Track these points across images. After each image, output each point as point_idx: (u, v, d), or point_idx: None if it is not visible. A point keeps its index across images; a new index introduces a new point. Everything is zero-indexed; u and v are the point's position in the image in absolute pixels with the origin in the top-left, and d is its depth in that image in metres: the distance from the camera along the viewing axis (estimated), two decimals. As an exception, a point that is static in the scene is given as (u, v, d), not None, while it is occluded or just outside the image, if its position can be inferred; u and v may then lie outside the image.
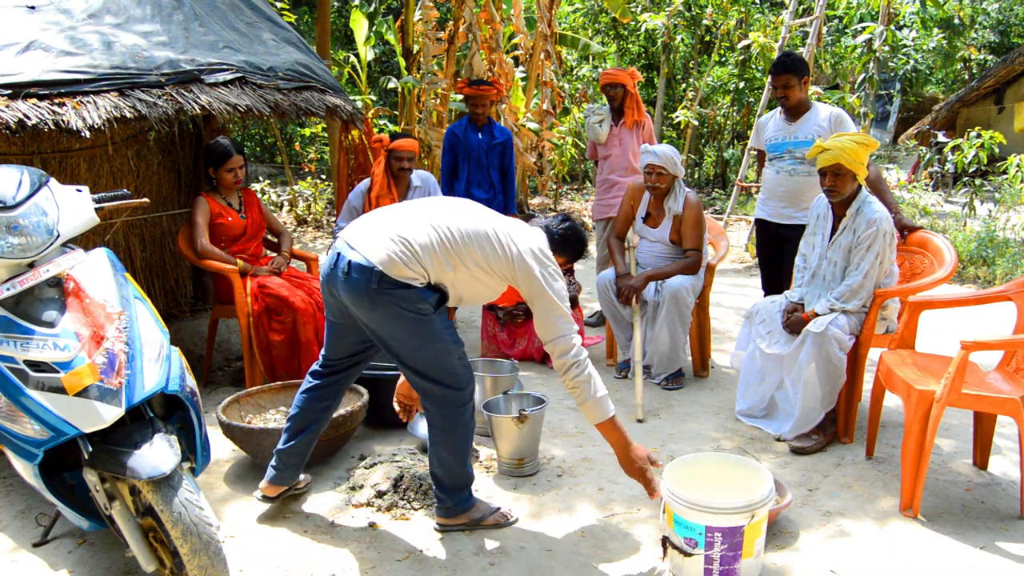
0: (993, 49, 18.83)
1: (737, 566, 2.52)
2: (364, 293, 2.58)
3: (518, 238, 2.72)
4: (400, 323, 2.63)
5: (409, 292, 2.58)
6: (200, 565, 2.28)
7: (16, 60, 3.54)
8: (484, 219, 2.74)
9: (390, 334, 2.67)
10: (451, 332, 2.73)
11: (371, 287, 2.56)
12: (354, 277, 2.58)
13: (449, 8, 9.57)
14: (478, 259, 2.67)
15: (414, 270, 2.59)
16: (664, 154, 4.44)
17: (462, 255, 2.65)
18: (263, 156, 16.74)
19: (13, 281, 2.38)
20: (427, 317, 2.63)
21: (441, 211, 2.74)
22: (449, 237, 2.64)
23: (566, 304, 2.72)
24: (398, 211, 2.77)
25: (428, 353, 2.68)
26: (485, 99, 5.42)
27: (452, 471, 2.87)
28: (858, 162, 3.54)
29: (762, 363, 3.88)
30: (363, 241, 2.63)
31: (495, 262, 2.69)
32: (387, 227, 2.65)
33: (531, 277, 2.68)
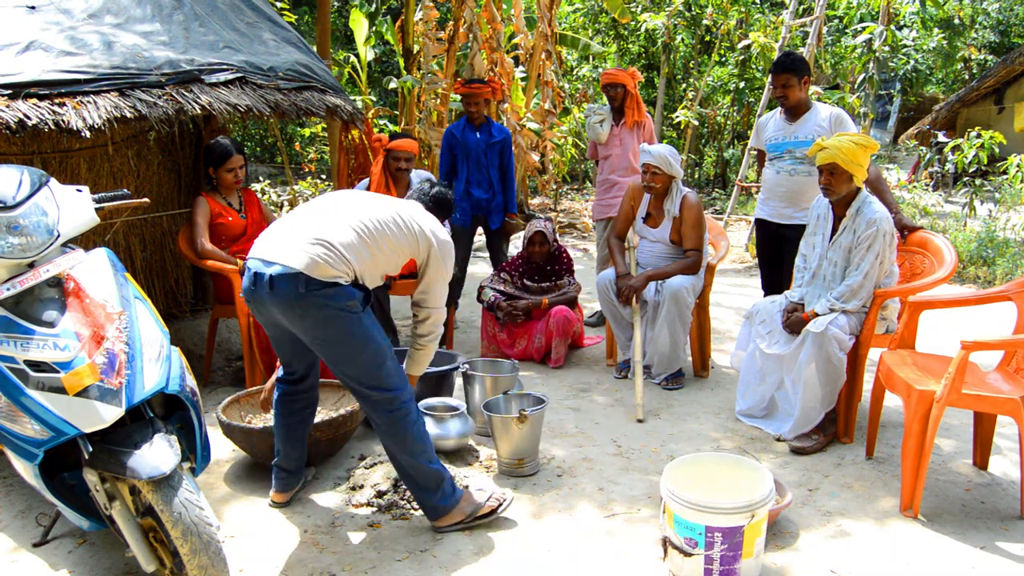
0: (993, 49, 18.83)
1: (737, 566, 2.52)
2: (293, 300, 2.63)
3: (419, 218, 2.95)
4: (332, 325, 2.69)
5: (337, 290, 2.65)
6: (200, 565, 2.28)
7: (16, 60, 3.54)
8: (387, 206, 2.92)
9: (324, 338, 2.73)
10: (380, 333, 2.79)
11: (299, 292, 2.61)
12: (279, 288, 2.63)
13: (449, 8, 9.57)
14: (391, 244, 2.83)
15: (339, 269, 2.66)
16: (659, 154, 4.44)
17: (378, 242, 2.79)
18: (263, 156, 16.75)
19: (13, 281, 2.38)
20: (357, 316, 2.70)
21: (348, 207, 2.85)
22: (365, 229, 2.77)
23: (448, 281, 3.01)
24: (307, 216, 2.84)
25: (363, 355, 2.73)
26: (479, 98, 5.42)
27: (420, 473, 2.87)
28: (855, 163, 3.54)
29: (762, 363, 3.88)
30: (279, 252, 2.68)
31: (405, 241, 2.87)
32: (303, 233, 2.72)
33: (431, 248, 2.92)
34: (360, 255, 2.73)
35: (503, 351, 5.00)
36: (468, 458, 3.57)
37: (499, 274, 5.17)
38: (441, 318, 3.02)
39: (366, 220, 2.79)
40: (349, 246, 2.70)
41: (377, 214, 2.83)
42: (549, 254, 5.08)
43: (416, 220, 2.93)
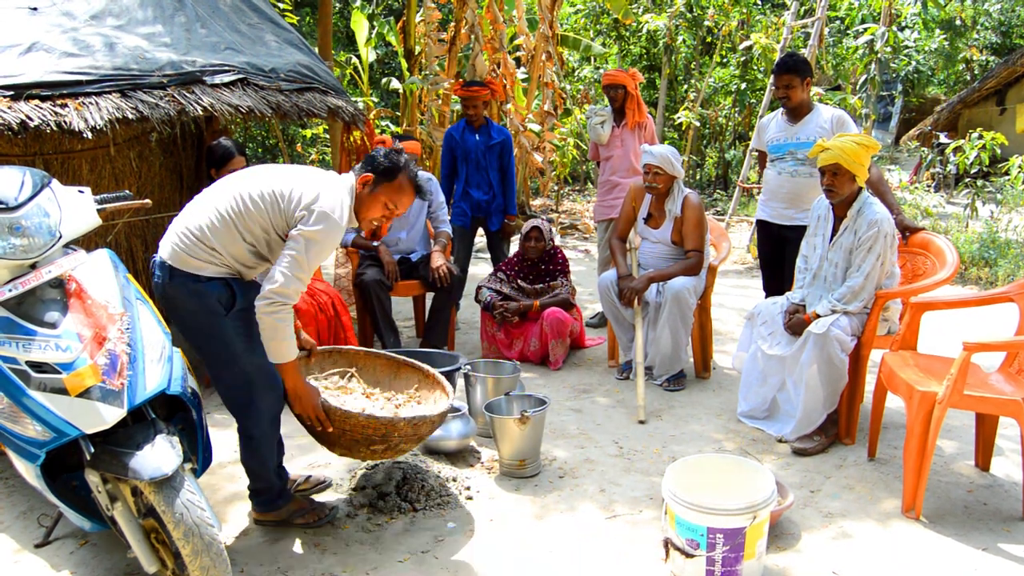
0: (995, 50, 18.81)
1: (739, 567, 2.51)
2: (161, 291, 2.63)
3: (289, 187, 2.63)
4: (192, 320, 2.65)
5: (198, 286, 2.59)
6: (202, 566, 2.28)
7: (18, 61, 3.54)
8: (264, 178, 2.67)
9: (186, 331, 2.70)
10: (244, 339, 2.66)
11: (164, 280, 2.61)
12: (155, 276, 2.64)
13: (451, 9, 9.58)
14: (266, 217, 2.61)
15: (200, 257, 2.58)
16: (660, 154, 4.44)
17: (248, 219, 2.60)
18: (265, 157, 16.75)
19: (15, 282, 2.39)
20: (217, 316, 2.62)
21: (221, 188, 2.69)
22: (228, 210, 2.59)
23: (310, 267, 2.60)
24: (190, 204, 2.73)
25: (214, 354, 2.68)
26: (477, 100, 5.43)
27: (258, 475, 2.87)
28: (857, 163, 3.54)
29: (764, 364, 3.88)
30: (162, 241, 2.67)
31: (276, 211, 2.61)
32: (175, 224, 2.67)
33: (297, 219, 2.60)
34: (223, 239, 2.59)
35: (502, 352, 4.99)
36: (470, 459, 3.57)
37: (495, 274, 5.17)
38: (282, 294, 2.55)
39: (232, 199, 2.61)
40: (210, 230, 2.58)
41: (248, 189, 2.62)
42: (545, 252, 5.08)
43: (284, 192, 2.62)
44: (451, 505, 3.12)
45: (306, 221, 2.58)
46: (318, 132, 13.54)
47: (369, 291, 4.67)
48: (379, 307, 4.68)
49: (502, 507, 3.13)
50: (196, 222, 2.61)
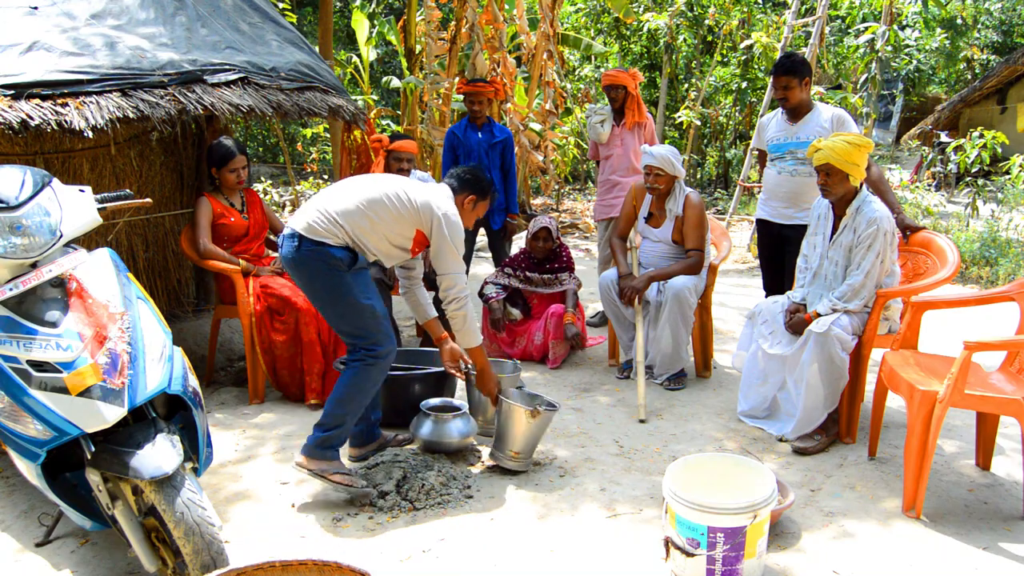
0: (996, 49, 18.80)
1: (739, 566, 2.51)
2: (291, 257, 3.09)
3: (419, 194, 3.22)
4: (319, 279, 3.10)
5: (324, 249, 3.05)
6: (203, 565, 2.28)
7: (19, 60, 3.54)
8: (390, 183, 3.24)
9: (315, 293, 3.16)
10: (366, 293, 3.15)
11: (296, 249, 3.07)
12: (285, 247, 3.11)
13: (451, 8, 9.57)
14: (391, 214, 3.15)
15: (328, 230, 3.06)
16: (661, 155, 4.44)
17: (378, 211, 3.13)
18: (265, 156, 16.76)
19: (16, 281, 2.39)
20: (340, 273, 3.08)
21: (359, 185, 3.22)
22: (363, 200, 3.13)
23: (460, 250, 3.25)
24: (325, 192, 3.23)
25: (343, 309, 3.13)
26: (483, 96, 5.43)
27: (337, 420, 3.15)
28: (850, 162, 3.54)
29: (764, 363, 3.88)
30: (293, 218, 3.15)
31: (404, 211, 3.17)
32: (313, 203, 3.16)
33: (433, 220, 3.20)
34: (355, 222, 3.09)
35: (503, 350, 5.00)
36: (470, 458, 3.57)
37: (502, 270, 5.18)
38: (457, 283, 3.24)
39: (368, 194, 3.14)
40: (344, 213, 3.09)
41: (383, 189, 3.17)
42: (551, 251, 5.10)
43: (419, 197, 3.20)
44: (451, 504, 3.12)
45: (444, 228, 3.18)
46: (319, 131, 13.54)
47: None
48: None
49: (502, 506, 3.14)
50: (334, 207, 3.10)
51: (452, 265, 3.24)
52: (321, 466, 3.11)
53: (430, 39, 8.90)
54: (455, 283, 3.25)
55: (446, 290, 3.25)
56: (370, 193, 3.14)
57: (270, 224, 4.70)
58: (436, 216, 3.19)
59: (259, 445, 3.72)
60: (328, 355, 4.23)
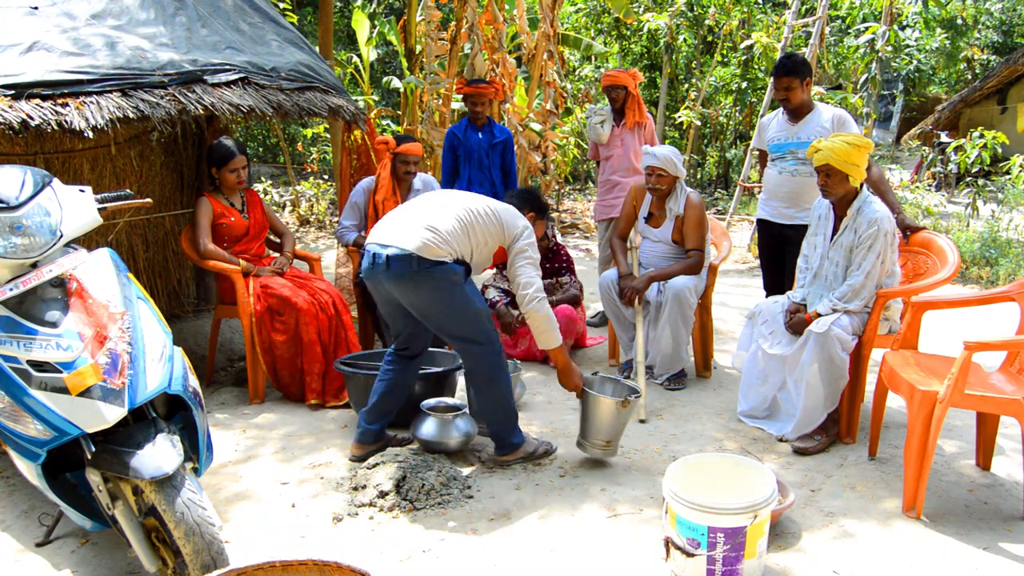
0: (996, 49, 18.79)
1: (740, 567, 2.51)
2: (407, 276, 3.17)
3: (499, 208, 3.41)
4: (439, 294, 3.22)
5: (443, 267, 3.18)
6: (203, 565, 2.28)
7: (19, 60, 3.54)
8: (474, 199, 3.42)
9: (433, 306, 3.27)
10: (478, 298, 3.34)
11: (412, 269, 3.14)
12: (395, 265, 3.15)
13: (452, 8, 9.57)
14: (485, 230, 3.33)
15: (444, 249, 3.17)
16: (663, 156, 4.44)
17: (475, 228, 3.30)
18: (266, 156, 16.76)
19: (16, 281, 2.39)
20: (459, 286, 3.23)
21: (450, 201, 3.37)
22: (462, 218, 3.28)
23: (535, 255, 3.39)
24: (415, 209, 3.36)
25: (464, 317, 3.27)
26: (484, 97, 5.42)
27: (504, 412, 3.41)
28: (850, 163, 3.53)
29: (764, 364, 3.88)
30: (394, 236, 3.21)
31: (493, 228, 3.35)
32: (414, 221, 3.25)
33: (514, 234, 3.39)
34: (460, 239, 3.25)
35: (506, 351, 4.99)
36: (471, 458, 3.57)
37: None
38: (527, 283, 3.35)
39: (464, 211, 3.30)
40: (452, 232, 3.22)
41: (469, 206, 3.34)
42: (547, 249, 5.09)
43: (500, 214, 3.39)
44: (451, 504, 3.12)
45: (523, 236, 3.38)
46: (319, 131, 13.54)
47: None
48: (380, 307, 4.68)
49: (503, 506, 3.14)
50: (442, 225, 3.22)
51: (530, 272, 3.37)
52: (519, 455, 3.47)
53: (430, 39, 8.89)
54: (532, 285, 3.35)
55: (524, 290, 3.34)
56: (467, 210, 3.31)
57: (270, 224, 4.70)
58: (517, 232, 3.38)
59: (259, 445, 3.72)
60: (328, 355, 4.24)
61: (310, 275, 4.61)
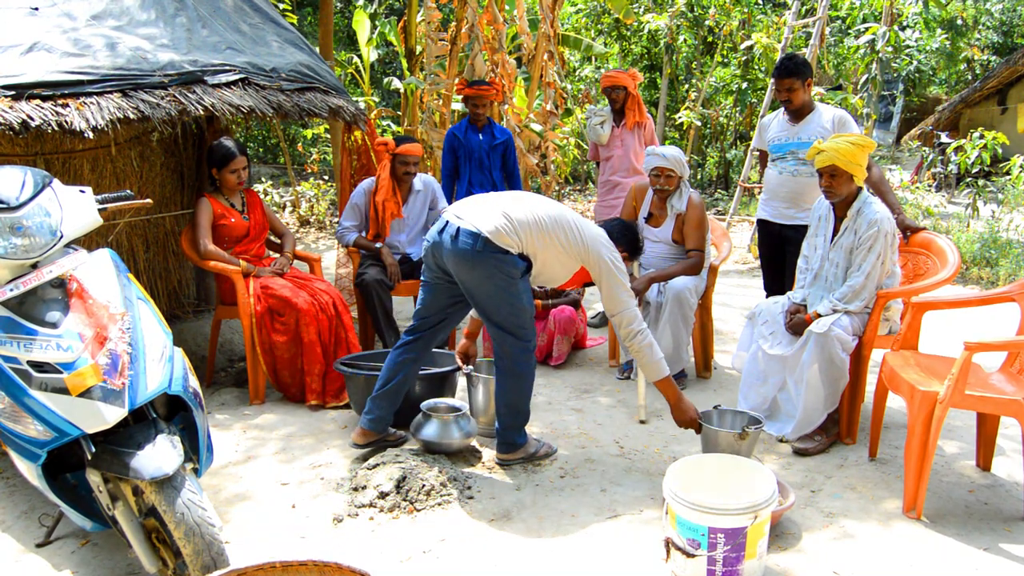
0: (996, 50, 18.80)
1: (740, 567, 2.51)
2: (470, 254, 3.15)
3: (587, 229, 3.35)
4: (493, 281, 3.22)
5: (506, 257, 3.18)
6: (203, 566, 2.28)
7: (20, 61, 3.54)
8: (564, 211, 3.37)
9: (483, 290, 3.26)
10: (528, 296, 3.33)
11: (476, 249, 3.14)
12: (462, 240, 3.16)
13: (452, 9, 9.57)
14: (562, 240, 3.28)
15: (512, 240, 3.17)
16: (673, 156, 4.45)
17: (552, 234, 3.26)
18: (266, 157, 16.77)
19: (16, 282, 2.39)
20: (514, 280, 3.23)
21: (534, 200, 3.37)
22: (542, 219, 3.26)
23: (627, 283, 3.35)
24: (500, 198, 3.38)
25: (509, 309, 3.27)
26: (484, 99, 5.43)
27: (518, 410, 3.42)
28: (854, 163, 3.54)
29: (764, 364, 3.88)
30: (473, 214, 3.21)
31: (574, 243, 3.29)
32: (495, 206, 3.25)
33: (600, 259, 3.31)
34: (532, 238, 3.22)
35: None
36: (471, 459, 3.57)
37: None
38: (635, 318, 3.32)
39: (545, 214, 3.27)
40: (525, 225, 3.21)
41: (555, 213, 3.31)
42: None
43: (585, 233, 3.32)
44: (452, 505, 3.12)
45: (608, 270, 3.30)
46: (319, 132, 13.55)
47: (370, 291, 4.67)
48: (380, 307, 4.68)
49: (503, 507, 3.14)
50: (517, 216, 3.21)
51: (623, 300, 3.33)
52: (520, 455, 3.48)
53: (430, 40, 8.89)
54: (633, 318, 3.31)
55: (627, 327, 3.31)
56: (548, 214, 3.27)
57: (270, 225, 4.70)
58: (603, 254, 3.31)
59: (260, 446, 3.72)
60: (328, 355, 4.23)
61: (310, 276, 4.61)
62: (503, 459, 3.48)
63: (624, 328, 3.31)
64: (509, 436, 3.46)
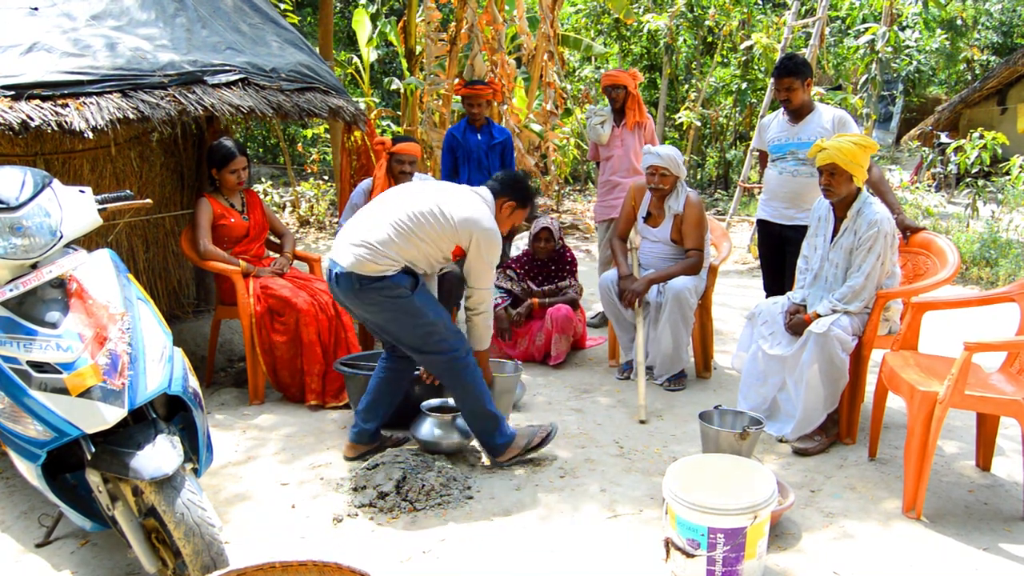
0: (996, 50, 18.80)
1: (740, 567, 2.51)
2: (352, 294, 3.15)
3: (458, 209, 3.21)
4: (387, 311, 3.17)
5: (385, 282, 3.10)
6: (203, 566, 2.28)
7: (19, 61, 3.54)
8: (429, 199, 3.23)
9: (383, 321, 3.22)
10: (433, 307, 3.25)
11: (355, 288, 3.12)
12: (342, 284, 3.16)
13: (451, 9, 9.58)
14: (430, 233, 3.18)
15: (381, 264, 3.10)
16: (668, 155, 4.44)
17: (418, 233, 3.15)
18: (266, 157, 16.77)
19: (16, 282, 2.39)
20: (407, 299, 3.15)
21: (392, 205, 3.25)
22: (403, 225, 3.15)
23: (494, 264, 3.29)
24: (360, 218, 3.28)
25: (417, 331, 3.21)
26: (481, 99, 5.43)
27: (481, 418, 3.35)
28: (855, 163, 3.54)
29: (764, 364, 3.88)
30: (339, 253, 3.17)
31: (444, 230, 3.19)
32: (352, 236, 3.18)
33: (471, 240, 3.21)
34: (400, 248, 3.13)
35: (504, 351, 4.99)
36: (470, 459, 3.57)
37: (504, 271, 5.18)
38: (486, 299, 3.35)
39: (406, 216, 3.16)
40: (387, 242, 3.11)
41: (417, 209, 3.18)
42: (554, 251, 5.10)
43: (457, 213, 3.20)
44: (451, 505, 3.12)
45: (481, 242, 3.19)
46: (319, 132, 13.54)
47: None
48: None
49: (503, 507, 3.13)
50: (375, 236, 3.13)
51: (484, 281, 3.32)
52: (513, 452, 3.41)
53: (430, 40, 8.90)
54: (484, 299, 3.36)
55: (476, 304, 3.35)
56: (402, 215, 3.16)
57: (270, 225, 4.70)
58: (475, 235, 3.21)
59: (259, 446, 3.72)
60: (328, 356, 4.23)
61: (310, 276, 4.61)
62: (500, 462, 3.45)
63: (474, 301, 3.33)
64: (489, 440, 3.42)
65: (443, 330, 3.24)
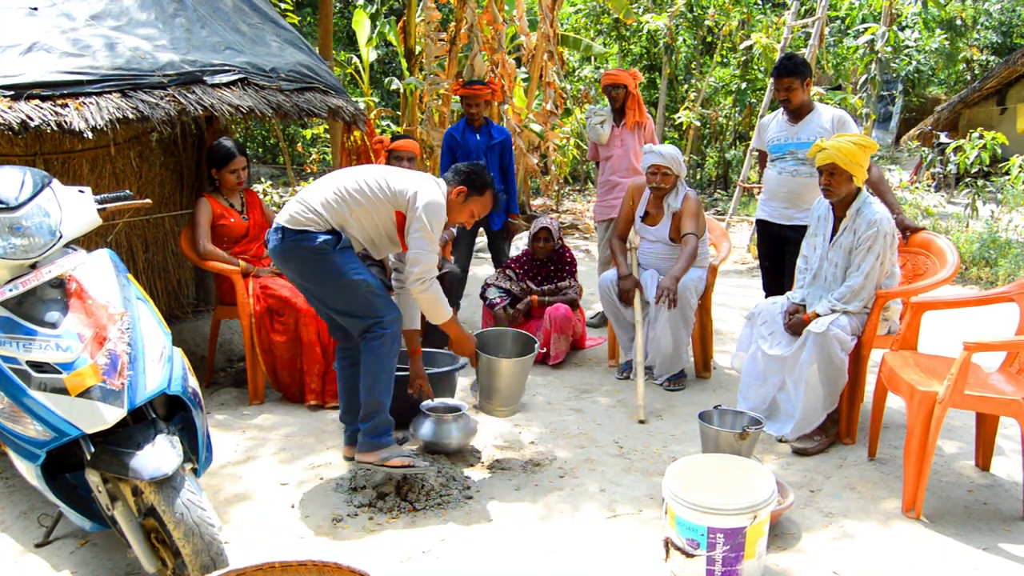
0: (995, 50, 18.81)
1: (739, 567, 2.51)
2: (279, 250, 3.16)
3: (399, 181, 3.23)
4: (308, 265, 3.16)
5: (306, 235, 3.11)
6: (203, 566, 2.28)
7: (19, 61, 3.54)
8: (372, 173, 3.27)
9: (305, 278, 3.22)
10: (356, 269, 3.16)
11: (282, 242, 3.14)
12: (272, 241, 3.18)
13: (451, 9, 9.58)
14: (367, 197, 3.18)
15: (307, 218, 3.12)
16: (669, 154, 4.45)
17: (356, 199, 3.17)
18: (265, 157, 16.76)
19: (15, 282, 2.39)
20: (327, 255, 3.11)
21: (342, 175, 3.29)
22: (343, 190, 3.18)
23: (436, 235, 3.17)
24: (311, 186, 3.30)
25: (340, 290, 3.16)
26: (479, 99, 5.43)
27: (371, 404, 3.18)
28: (855, 163, 3.54)
29: (764, 364, 3.88)
30: (279, 215, 3.21)
31: (381, 195, 3.19)
32: (295, 197, 3.24)
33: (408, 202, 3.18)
34: (332, 210, 3.14)
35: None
36: (470, 459, 3.57)
37: (504, 271, 5.18)
38: (422, 262, 3.15)
39: (346, 183, 3.20)
40: (323, 203, 3.14)
41: (364, 178, 3.22)
42: (554, 251, 5.10)
43: (398, 183, 3.21)
44: (451, 505, 3.12)
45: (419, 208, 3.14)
46: (319, 132, 13.54)
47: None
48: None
49: (502, 507, 3.14)
50: (312, 197, 3.17)
51: (423, 245, 3.14)
52: (380, 455, 3.18)
53: (430, 40, 8.89)
54: (420, 261, 3.13)
55: (410, 267, 3.15)
56: (347, 182, 3.20)
57: (270, 226, 4.69)
58: (410, 196, 3.17)
59: (259, 446, 3.72)
60: (328, 356, 4.23)
61: (310, 276, 4.60)
62: (357, 459, 3.23)
63: (409, 267, 3.16)
64: (365, 431, 3.19)
65: (371, 295, 3.15)
